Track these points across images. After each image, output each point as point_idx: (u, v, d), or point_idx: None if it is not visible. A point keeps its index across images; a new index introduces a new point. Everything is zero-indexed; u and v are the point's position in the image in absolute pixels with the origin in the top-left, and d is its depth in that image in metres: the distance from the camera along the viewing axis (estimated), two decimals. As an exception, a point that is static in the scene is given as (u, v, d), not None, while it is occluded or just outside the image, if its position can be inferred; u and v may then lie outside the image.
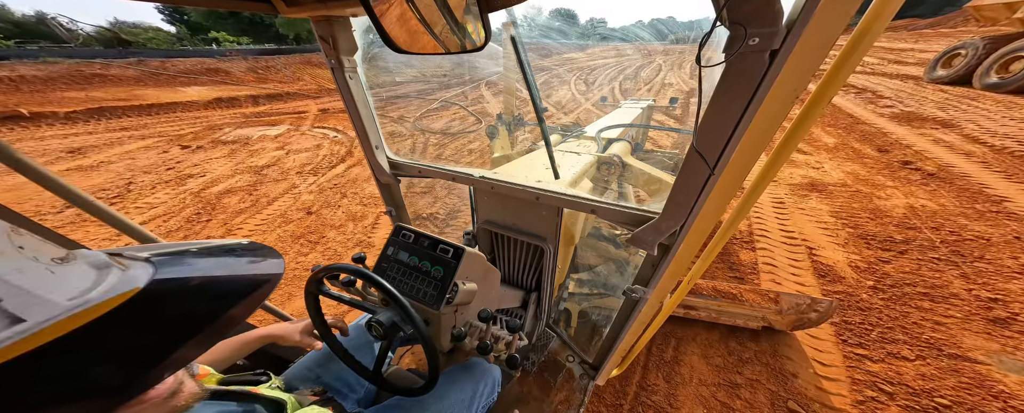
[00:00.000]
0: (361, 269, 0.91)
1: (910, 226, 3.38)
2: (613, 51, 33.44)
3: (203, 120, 9.73)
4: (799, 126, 0.60)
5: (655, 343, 2.25)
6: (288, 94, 13.67)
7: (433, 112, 9.24)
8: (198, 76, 14.84)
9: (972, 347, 2.18)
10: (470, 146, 6.45)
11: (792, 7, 0.48)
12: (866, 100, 8.14)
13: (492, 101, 10.57)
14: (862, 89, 9.26)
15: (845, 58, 0.52)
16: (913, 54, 14.81)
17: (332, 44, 1.05)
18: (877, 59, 14.46)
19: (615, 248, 2.60)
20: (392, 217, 1.68)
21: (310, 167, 5.75)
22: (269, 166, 5.89)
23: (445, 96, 12.17)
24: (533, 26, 27.31)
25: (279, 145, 7.07)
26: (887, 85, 9.43)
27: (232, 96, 12.34)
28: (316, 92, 14.57)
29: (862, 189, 4.17)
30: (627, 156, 1.85)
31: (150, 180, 5.39)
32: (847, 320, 2.42)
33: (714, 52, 0.55)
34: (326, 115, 9.79)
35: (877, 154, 5.15)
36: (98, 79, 13.15)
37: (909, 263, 2.92)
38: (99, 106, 10.03)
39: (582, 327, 2.12)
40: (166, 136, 8.02)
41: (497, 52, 2.20)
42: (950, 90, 8.16)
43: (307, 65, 19.06)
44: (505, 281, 1.64)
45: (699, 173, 0.70)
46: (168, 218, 4.23)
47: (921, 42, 19.27)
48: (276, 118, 9.73)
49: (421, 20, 0.71)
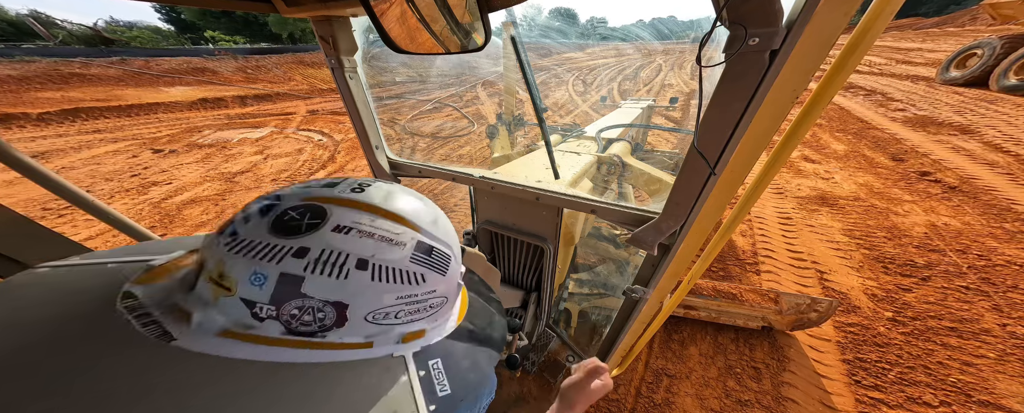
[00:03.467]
0: None
1: (933, 248, 3.03)
2: (613, 51, 33.33)
3: (184, 122, 9.42)
4: (799, 126, 0.60)
5: (645, 382, 2.08)
6: (278, 95, 13.34)
7: (425, 115, 9.05)
8: (183, 76, 14.42)
9: (1007, 393, 1.90)
10: (460, 151, 6.23)
11: (792, 7, 0.48)
12: (876, 103, 7.80)
13: (487, 102, 10.37)
14: (871, 91, 8.87)
15: (845, 58, 0.52)
16: (921, 54, 14.46)
17: (332, 44, 1.05)
18: (884, 59, 14.12)
19: (615, 248, 2.60)
20: None
21: (287, 174, 5.45)
22: (243, 173, 5.54)
23: (438, 97, 11.94)
24: (533, 26, 27.37)
25: (259, 149, 6.75)
26: (897, 87, 9.05)
27: (218, 97, 11.97)
28: (307, 92, 14.14)
29: (877, 204, 3.82)
30: (627, 156, 1.85)
31: (110, 188, 4.99)
32: (862, 357, 2.16)
33: (714, 52, 0.55)
34: (314, 117, 9.53)
35: (892, 163, 4.79)
36: (77, 79, 12.70)
37: (933, 292, 2.58)
38: (75, 107, 9.62)
39: (582, 327, 2.12)
40: (140, 139, 7.66)
41: (494, 52, 2.20)
42: (966, 92, 7.76)
43: (299, 65, 18.65)
44: (505, 281, 1.64)
45: (700, 173, 0.70)
46: (116, 234, 3.71)
47: (928, 41, 18.63)
48: (262, 120, 9.44)
49: (421, 20, 0.71)
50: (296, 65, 18.55)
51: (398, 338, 0.38)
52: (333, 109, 10.62)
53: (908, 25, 33.42)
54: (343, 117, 9.30)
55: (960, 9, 38.98)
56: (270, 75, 16.84)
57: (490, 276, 1.20)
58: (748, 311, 2.19)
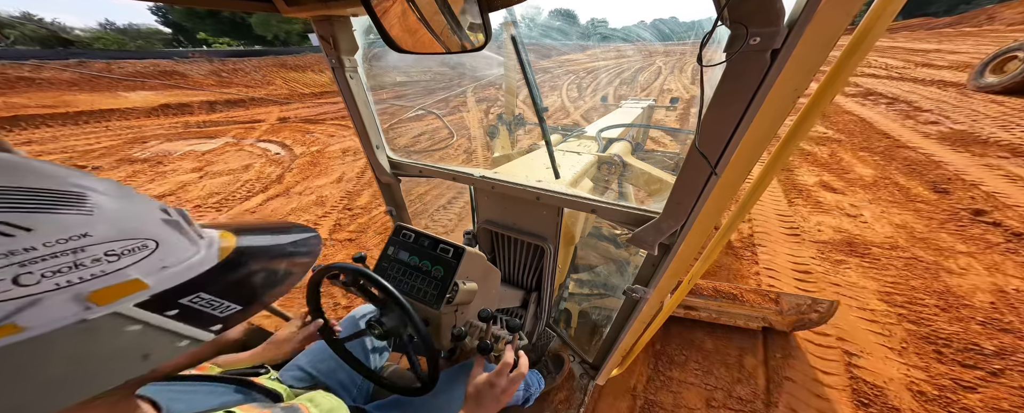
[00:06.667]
0: (361, 268, 0.91)
1: (1004, 325, 2.20)
2: (614, 52, 33.12)
3: (133, 131, 8.54)
4: (800, 126, 0.60)
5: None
6: (252, 100, 12.28)
7: (406, 122, 8.31)
8: (148, 80, 13.28)
9: None
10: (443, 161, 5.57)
11: (793, 6, 0.48)
12: (902, 114, 6.56)
13: (474, 109, 9.48)
14: (893, 98, 7.64)
15: (847, 57, 0.52)
16: (942, 55, 12.79)
17: (332, 43, 1.05)
18: (901, 62, 12.39)
19: (615, 248, 2.60)
20: (392, 216, 1.68)
21: (219, 198, 4.66)
22: (165, 195, 4.78)
23: (424, 103, 11.03)
24: (533, 26, 27.27)
25: (199, 165, 5.91)
26: (922, 93, 7.84)
27: (183, 102, 11.05)
28: (285, 97, 12.98)
29: (922, 255, 2.86)
30: (627, 156, 1.86)
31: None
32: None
33: (715, 52, 0.55)
34: (283, 126, 8.63)
35: (934, 196, 3.71)
36: (24, 83, 11.53)
37: (1007, 393, 1.83)
38: (14, 115, 8.61)
39: (582, 327, 2.12)
40: (70, 152, 6.74)
41: (483, 59, 2.19)
42: (1007, 102, 6.58)
43: (281, 68, 17.42)
44: (505, 281, 1.64)
45: (700, 172, 0.70)
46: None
47: (945, 42, 16.85)
48: (222, 128, 8.59)
49: (421, 19, 0.71)
50: (278, 68, 17.18)
51: (77, 300, 0.30)
52: (308, 116, 9.74)
53: (919, 25, 32.23)
54: (313, 126, 8.47)
55: (971, 9, 38.01)
56: (247, 79, 15.60)
57: (490, 276, 1.21)
58: (748, 311, 2.19)
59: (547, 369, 1.82)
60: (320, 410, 0.69)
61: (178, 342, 0.35)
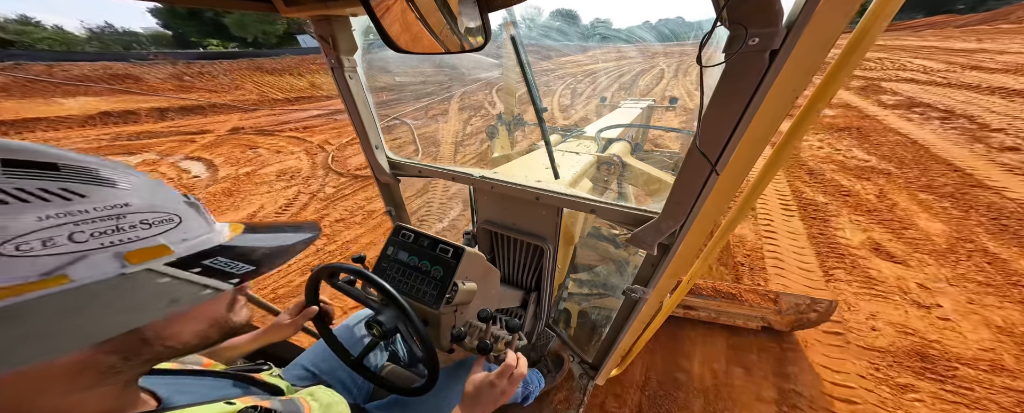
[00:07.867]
0: (360, 269, 0.91)
1: None
2: (615, 53, 32.91)
3: (51, 143, 7.36)
4: (799, 126, 0.61)
5: None
6: (213, 106, 11.22)
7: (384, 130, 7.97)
8: (95, 84, 12.05)
9: None
10: None
11: (792, 7, 0.49)
12: (966, 134, 4.92)
13: (455, 118, 8.62)
14: (948, 111, 5.93)
15: (845, 58, 0.52)
16: (989, 56, 10.75)
17: (332, 44, 1.05)
18: (943, 64, 10.32)
19: (615, 248, 2.60)
20: (392, 217, 1.68)
21: None
22: None
23: (400, 113, 10.04)
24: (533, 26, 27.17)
25: None
26: (983, 104, 6.20)
27: (130, 109, 9.97)
28: (253, 104, 11.75)
29: None
30: (627, 156, 1.86)
31: None
32: None
33: (715, 52, 0.55)
34: (229, 138, 7.79)
35: None
36: None
37: None
38: None
39: (582, 327, 2.12)
40: None
41: (471, 62, 2.18)
42: None
43: (256, 71, 15.83)
44: (505, 281, 1.64)
45: (700, 172, 0.70)
46: None
47: (986, 40, 14.36)
48: (153, 142, 7.64)
49: (421, 20, 0.71)
50: (253, 71, 15.81)
51: (117, 257, 0.36)
52: (265, 125, 8.82)
53: (943, 22, 29.91)
54: (265, 138, 7.65)
55: (1000, 6, 35.42)
56: (214, 83, 14.26)
57: (490, 276, 1.21)
58: (748, 311, 2.19)
59: (547, 369, 1.82)
60: (320, 404, 0.69)
61: (202, 291, 0.41)
